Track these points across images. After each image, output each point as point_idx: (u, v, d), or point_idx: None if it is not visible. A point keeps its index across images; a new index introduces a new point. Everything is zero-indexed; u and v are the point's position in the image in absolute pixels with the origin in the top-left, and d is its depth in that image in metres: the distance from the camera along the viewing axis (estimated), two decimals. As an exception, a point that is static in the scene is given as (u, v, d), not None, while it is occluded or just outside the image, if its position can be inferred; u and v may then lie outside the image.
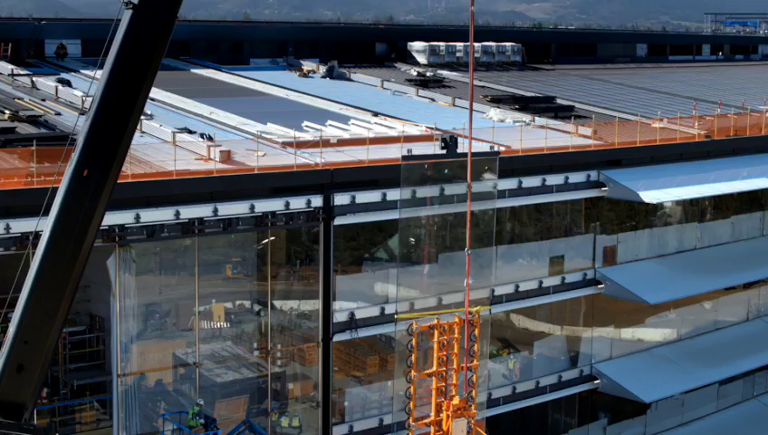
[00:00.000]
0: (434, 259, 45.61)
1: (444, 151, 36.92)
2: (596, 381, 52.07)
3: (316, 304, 42.71)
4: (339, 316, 42.71)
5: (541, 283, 49.59)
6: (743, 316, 60.56)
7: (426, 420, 32.01)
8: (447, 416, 31.68)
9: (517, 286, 48.56)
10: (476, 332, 32.45)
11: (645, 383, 52.19)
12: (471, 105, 34.23)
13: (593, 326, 52.48)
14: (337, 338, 42.86)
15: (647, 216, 54.73)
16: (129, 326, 38.92)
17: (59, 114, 47.03)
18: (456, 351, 32.28)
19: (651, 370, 53.53)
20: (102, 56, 23.60)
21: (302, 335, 43.38)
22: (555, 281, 50.20)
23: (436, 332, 31.76)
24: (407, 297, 44.08)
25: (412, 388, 32.07)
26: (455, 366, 32.35)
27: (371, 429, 44.31)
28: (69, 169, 23.14)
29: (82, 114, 47.07)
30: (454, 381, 32.40)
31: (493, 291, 47.49)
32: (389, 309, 43.73)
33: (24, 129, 43.05)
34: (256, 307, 42.87)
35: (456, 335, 32.16)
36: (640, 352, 54.57)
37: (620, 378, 51.75)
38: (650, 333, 55.59)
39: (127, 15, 22.89)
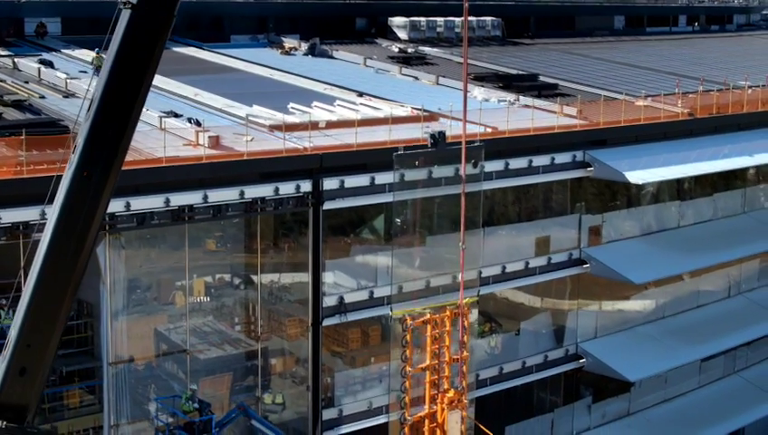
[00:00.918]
0: (422, 242, 45.60)
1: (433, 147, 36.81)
2: (581, 361, 52.36)
3: (299, 277, 42.59)
4: (328, 301, 42.71)
5: (527, 263, 49.72)
6: (724, 293, 60.96)
7: (421, 414, 32.21)
8: (442, 409, 31.90)
9: (504, 268, 48.66)
10: (466, 323, 32.72)
11: (629, 362, 52.55)
12: (465, 95, 34.19)
13: (578, 300, 52.72)
14: (327, 323, 42.87)
15: (630, 195, 54.86)
16: (119, 313, 38.78)
17: (43, 97, 46.61)
18: (447, 343, 32.49)
19: (635, 348, 53.88)
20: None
21: (286, 310, 43.31)
22: (542, 261, 50.35)
23: (428, 326, 31.97)
24: (396, 280, 44.03)
25: (408, 382, 32.23)
26: (446, 358, 32.58)
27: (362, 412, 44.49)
28: (69, 171, 23.01)
29: (66, 97, 47.17)
30: (446, 373, 32.61)
31: (480, 273, 47.66)
32: (378, 293, 43.79)
33: (10, 114, 42.66)
34: (238, 281, 42.77)
35: (447, 328, 32.40)
36: (624, 330, 54.84)
37: (605, 357, 52.06)
38: (633, 311, 55.83)
39: (125, 15, 22.72)
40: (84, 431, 39.63)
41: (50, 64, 52.56)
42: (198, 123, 42.45)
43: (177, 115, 44.27)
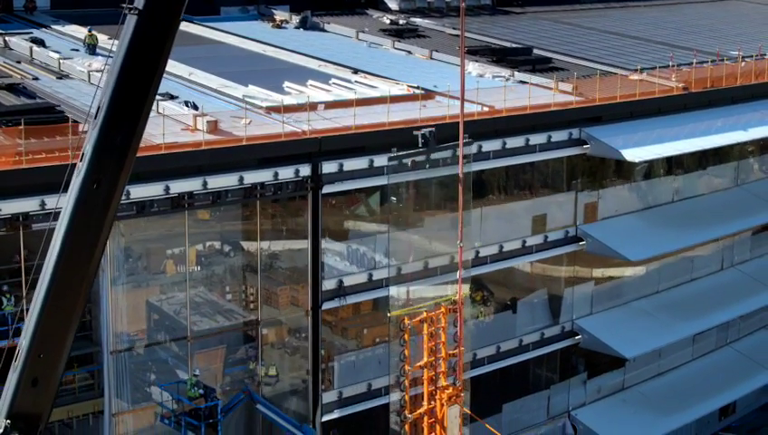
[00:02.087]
0: (419, 224, 45.54)
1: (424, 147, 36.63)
2: (577, 337, 52.50)
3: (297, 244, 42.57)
4: (327, 284, 42.62)
5: (524, 242, 49.70)
6: (717, 265, 61.09)
7: (420, 410, 32.31)
8: (441, 404, 32.03)
9: (501, 247, 48.63)
10: (459, 317, 32.80)
11: (625, 338, 52.73)
12: (462, 82, 33.93)
13: (574, 276, 52.80)
14: (326, 306, 42.81)
15: (624, 171, 54.76)
16: (118, 300, 38.61)
17: (36, 79, 46.10)
18: (443, 339, 32.57)
19: (630, 324, 54.06)
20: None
21: (275, 278, 43.15)
22: (538, 240, 50.35)
23: (425, 325, 32.03)
24: (394, 263, 43.97)
25: (407, 381, 32.30)
26: (443, 354, 32.66)
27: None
28: (78, 180, 22.57)
29: (60, 78, 46.71)
30: (442, 369, 32.70)
31: (477, 252, 47.69)
32: (377, 275, 43.73)
33: (4, 97, 42.15)
34: (227, 248, 42.63)
35: (442, 324, 32.46)
36: (619, 306, 54.96)
37: (601, 334, 52.21)
38: (628, 286, 55.90)
39: (131, 21, 22.31)
40: (84, 416, 39.46)
41: (41, 43, 51.96)
42: (196, 107, 42.07)
43: (172, 97, 43.87)
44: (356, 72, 52.95)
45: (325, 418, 43.19)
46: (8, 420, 23.22)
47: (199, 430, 37.61)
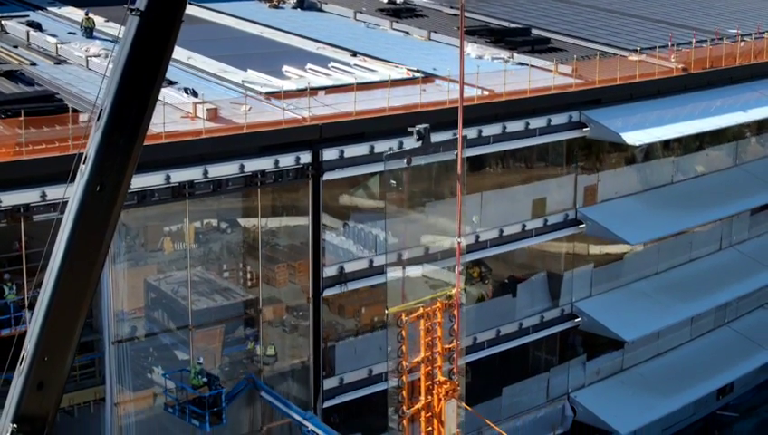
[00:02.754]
0: (419, 209, 45.43)
1: (419, 143, 36.31)
2: (576, 320, 52.54)
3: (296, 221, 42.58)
4: (328, 271, 42.55)
5: (524, 226, 49.65)
6: (716, 246, 61.08)
7: (417, 406, 32.34)
8: (438, 399, 32.10)
9: (501, 231, 48.58)
10: (455, 312, 32.77)
11: (624, 321, 52.79)
12: (462, 73, 33.66)
13: (573, 259, 52.79)
14: (327, 293, 42.77)
15: (623, 153, 54.65)
16: (119, 289, 38.52)
17: (34, 64, 45.82)
18: (439, 334, 32.57)
19: (629, 306, 54.10)
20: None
21: (278, 257, 42.94)
22: (538, 223, 50.30)
23: (422, 321, 32.02)
24: (394, 248, 43.84)
25: (404, 377, 32.33)
26: (439, 349, 32.67)
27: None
28: (81, 183, 22.45)
29: (57, 64, 46.43)
30: (439, 364, 32.72)
31: (478, 237, 47.64)
32: (378, 261, 43.64)
33: (2, 84, 41.90)
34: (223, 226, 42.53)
35: (438, 320, 32.45)
36: (618, 287, 54.97)
37: (600, 316, 52.25)
38: (627, 267, 55.86)
39: (133, 23, 22.15)
40: (85, 404, 39.44)
41: (38, 27, 51.68)
42: (195, 94, 41.83)
43: (171, 82, 43.61)
44: (354, 54, 52.72)
45: (326, 404, 43.33)
46: (14, 425, 23.19)
47: (204, 419, 37.60)
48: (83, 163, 22.63)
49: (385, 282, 42.26)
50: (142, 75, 22.50)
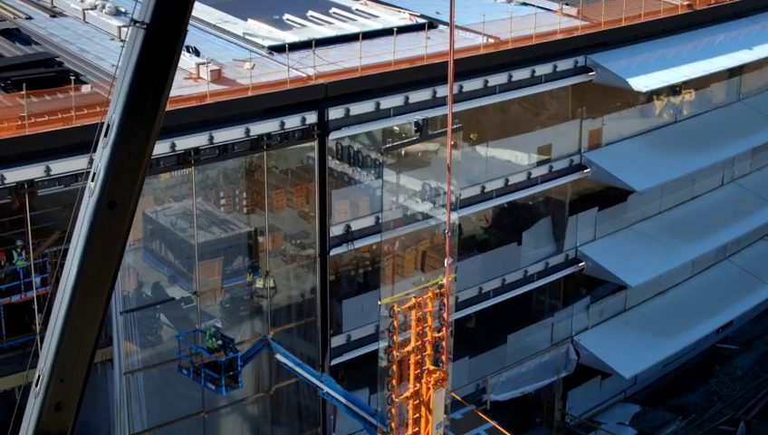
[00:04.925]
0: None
1: (417, 134, 35.71)
2: (581, 264, 52.35)
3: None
4: (335, 230, 42.15)
5: (529, 174, 49.17)
6: (718, 181, 60.67)
7: (406, 394, 32.29)
8: (428, 388, 32.07)
9: (507, 180, 48.13)
10: (445, 301, 32.58)
11: (628, 265, 52.62)
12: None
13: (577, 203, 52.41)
14: (334, 252, 42.41)
15: (627, 93, 53.81)
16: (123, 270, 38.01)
17: (30, 18, 44.72)
18: (430, 323, 32.40)
19: (633, 249, 53.86)
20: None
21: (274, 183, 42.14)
22: (543, 170, 49.82)
23: (413, 311, 31.83)
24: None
25: (395, 366, 32.24)
26: (429, 338, 32.52)
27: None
28: (91, 202, 21.82)
29: (53, 17, 45.34)
30: (428, 352, 32.60)
31: (483, 188, 47.23)
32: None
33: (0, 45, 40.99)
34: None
35: (429, 309, 32.26)
36: (621, 230, 54.67)
37: (605, 261, 52.08)
38: (630, 208, 55.42)
39: (139, 36, 21.39)
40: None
41: (32, -27, 50.23)
42: (197, 52, 40.84)
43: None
44: (356, -2, 51.64)
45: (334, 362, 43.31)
46: None
47: (220, 382, 37.39)
48: (91, 181, 22.00)
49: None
50: (150, 88, 21.82)
